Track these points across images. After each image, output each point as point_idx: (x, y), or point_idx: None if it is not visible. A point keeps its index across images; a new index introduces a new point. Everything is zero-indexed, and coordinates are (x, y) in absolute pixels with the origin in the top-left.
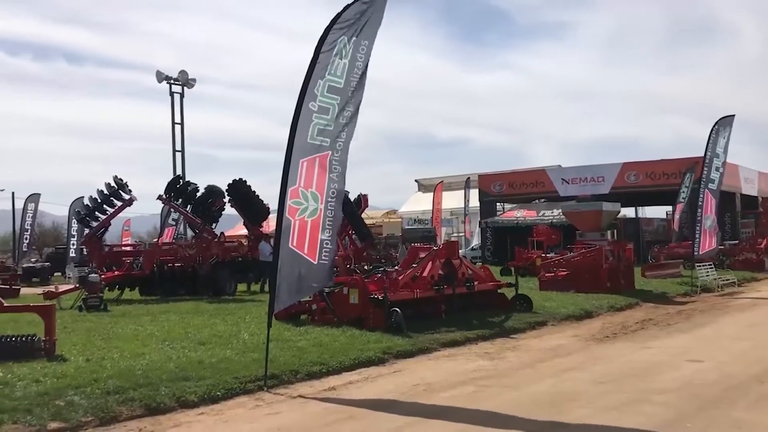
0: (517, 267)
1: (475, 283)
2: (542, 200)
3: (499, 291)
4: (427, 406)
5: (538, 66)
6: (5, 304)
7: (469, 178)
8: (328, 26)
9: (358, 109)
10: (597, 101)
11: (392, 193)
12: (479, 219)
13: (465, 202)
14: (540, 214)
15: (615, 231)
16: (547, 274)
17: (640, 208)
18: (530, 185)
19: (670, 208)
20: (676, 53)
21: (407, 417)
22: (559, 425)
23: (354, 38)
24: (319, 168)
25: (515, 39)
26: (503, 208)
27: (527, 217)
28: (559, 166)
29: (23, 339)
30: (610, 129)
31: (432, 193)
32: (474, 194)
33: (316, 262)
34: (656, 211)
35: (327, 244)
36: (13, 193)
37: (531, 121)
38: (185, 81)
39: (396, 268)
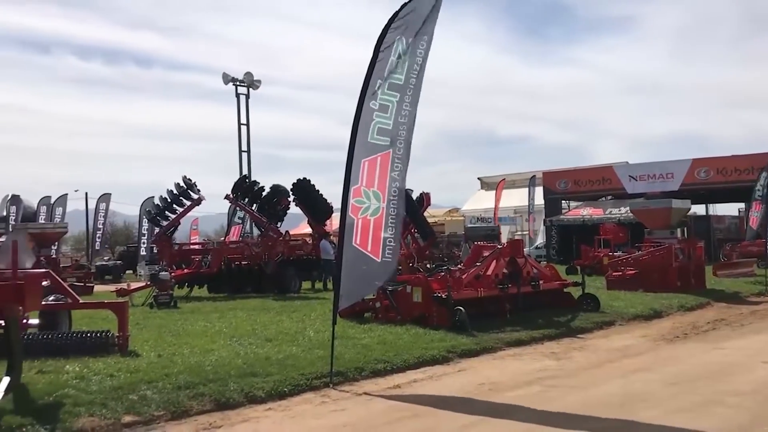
0: (584, 266)
1: (541, 282)
2: (609, 198)
3: (565, 290)
4: (493, 405)
5: (603, 60)
6: (81, 301)
7: (535, 176)
8: (386, 24)
9: (416, 106)
10: (665, 96)
11: (454, 191)
12: (543, 217)
13: (529, 200)
14: (607, 212)
15: (685, 229)
16: (614, 273)
17: (710, 206)
18: (596, 182)
19: (742, 205)
20: (750, 45)
21: (473, 416)
22: (629, 426)
23: (412, 35)
24: (380, 167)
25: (579, 33)
26: (568, 206)
27: (593, 215)
28: (626, 162)
29: (98, 335)
30: (680, 124)
31: (495, 191)
32: (538, 192)
33: (379, 260)
34: (727, 209)
35: (390, 242)
36: (86, 193)
37: (596, 117)
38: (250, 82)
39: (459, 266)
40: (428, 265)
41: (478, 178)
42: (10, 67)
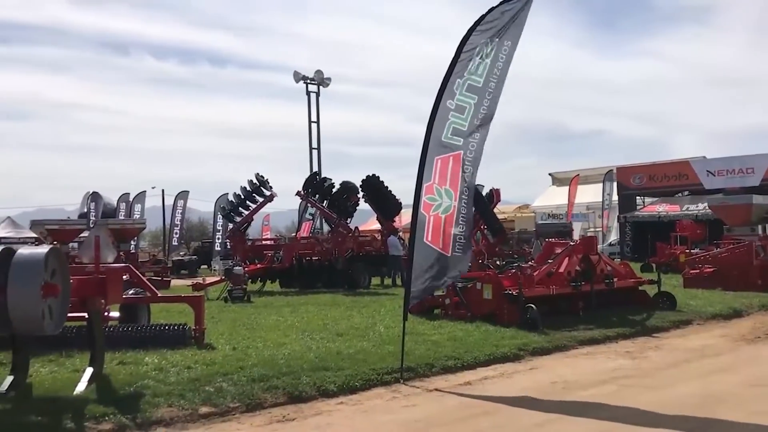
0: (659, 263)
1: (615, 279)
2: (686, 193)
3: (640, 288)
4: (567, 403)
5: (680, 52)
6: (159, 295)
7: (610, 171)
8: (471, 27)
9: (494, 110)
10: (746, 88)
11: (525, 187)
12: (617, 213)
13: (603, 196)
14: (683, 208)
15: (767, 226)
16: (691, 271)
17: None
18: (672, 178)
19: None
20: None
21: (546, 414)
22: (708, 426)
23: (497, 39)
24: (453, 166)
25: (654, 25)
26: (643, 202)
27: (669, 212)
28: (704, 157)
29: (175, 328)
30: (760, 117)
31: (567, 187)
32: (612, 188)
33: (450, 255)
34: None
35: (461, 238)
36: (162, 190)
37: (673, 111)
38: (321, 80)
39: (530, 263)
40: (498, 262)
41: (550, 174)
42: (90, 68)
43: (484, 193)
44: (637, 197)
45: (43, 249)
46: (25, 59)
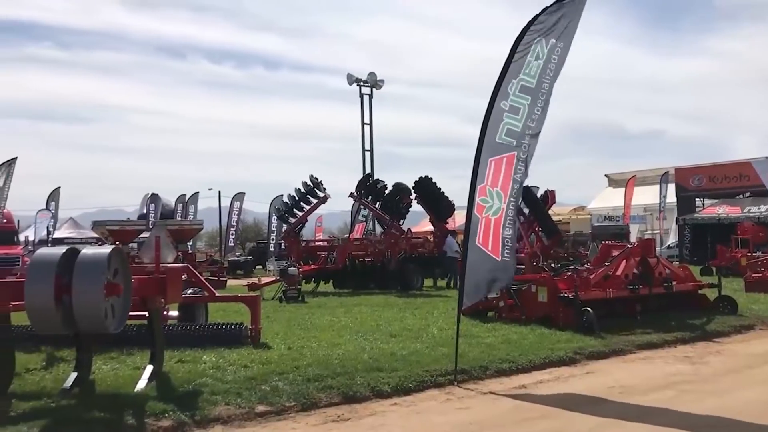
0: (720, 267)
1: (674, 283)
2: (747, 195)
3: (699, 292)
4: (624, 408)
5: (741, 50)
6: (216, 294)
7: (667, 172)
8: (525, 27)
9: (547, 110)
10: None
11: (580, 189)
12: (676, 215)
13: (661, 198)
14: (745, 210)
15: None
16: (753, 275)
17: None
18: (733, 179)
19: None
20: None
21: (603, 418)
22: None
23: (550, 39)
24: (505, 167)
25: (714, 22)
26: (702, 204)
27: (730, 214)
28: (766, 158)
29: (232, 327)
30: None
31: (623, 189)
32: (670, 189)
33: (499, 259)
34: None
35: (508, 242)
36: (219, 192)
37: (734, 110)
38: (374, 82)
39: (586, 266)
40: (553, 265)
41: (606, 175)
42: (148, 72)
43: (539, 195)
44: (696, 199)
45: (106, 249)
46: (84, 64)
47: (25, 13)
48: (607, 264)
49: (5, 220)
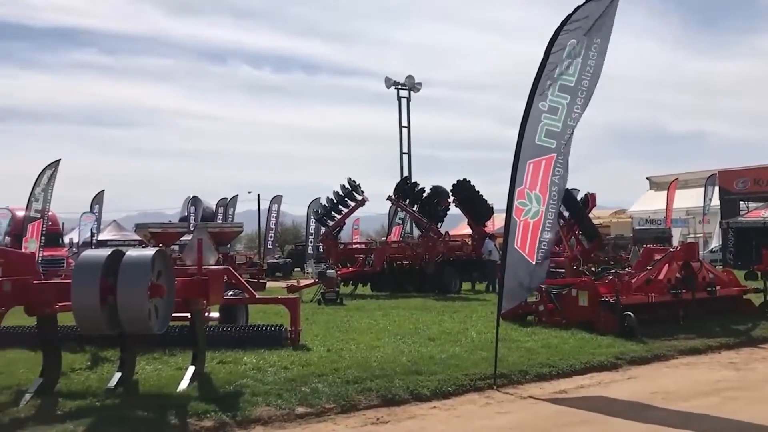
0: (765, 271)
1: (717, 287)
2: None
3: (744, 297)
4: (667, 414)
5: None
6: (256, 296)
7: (713, 174)
8: (559, 26)
9: (585, 109)
10: None
11: (621, 192)
12: (719, 219)
13: (705, 201)
14: None
15: None
16: None
17: None
18: None
19: None
20: None
21: (646, 424)
22: None
23: (586, 37)
24: (544, 169)
25: (758, 21)
26: (747, 207)
27: None
28: None
29: (272, 328)
30: None
31: (665, 192)
32: (714, 192)
33: (533, 263)
34: None
35: (544, 245)
36: (258, 194)
37: None
38: (412, 85)
39: (628, 270)
40: (593, 269)
41: (647, 178)
42: (190, 77)
43: (579, 198)
44: (741, 202)
45: (150, 251)
46: (128, 69)
47: (71, 20)
48: (649, 268)
49: (50, 223)
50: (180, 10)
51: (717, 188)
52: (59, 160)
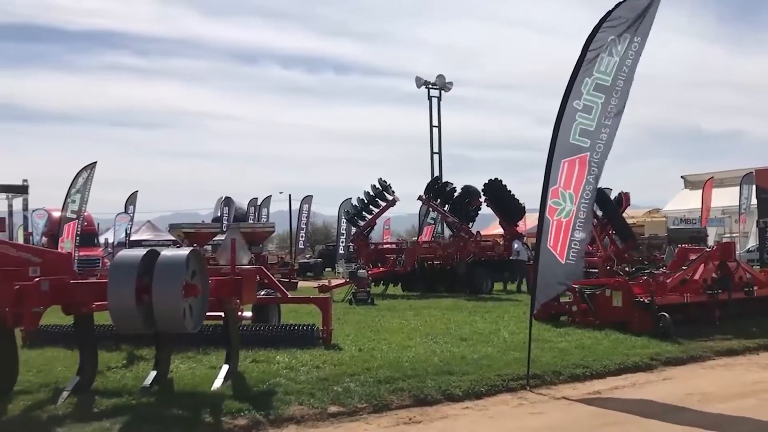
0: None
1: (755, 288)
2: None
3: None
4: (704, 416)
5: None
6: (289, 296)
7: (750, 173)
8: (598, 24)
9: (622, 109)
10: None
11: (655, 191)
12: (756, 218)
13: (741, 200)
14: None
15: None
16: None
17: None
18: None
19: None
20: None
21: (682, 426)
22: None
23: (626, 35)
24: (578, 169)
25: None
26: None
27: None
28: None
29: (304, 328)
30: None
31: (700, 191)
32: (752, 191)
33: (563, 262)
34: None
35: (576, 245)
36: (290, 195)
37: None
38: (442, 85)
39: (662, 270)
40: (627, 268)
41: (682, 177)
42: (222, 79)
43: (612, 197)
44: None
45: (185, 251)
46: (161, 71)
47: (104, 23)
48: (684, 268)
49: (86, 223)
50: (212, 13)
51: (754, 187)
52: (95, 162)
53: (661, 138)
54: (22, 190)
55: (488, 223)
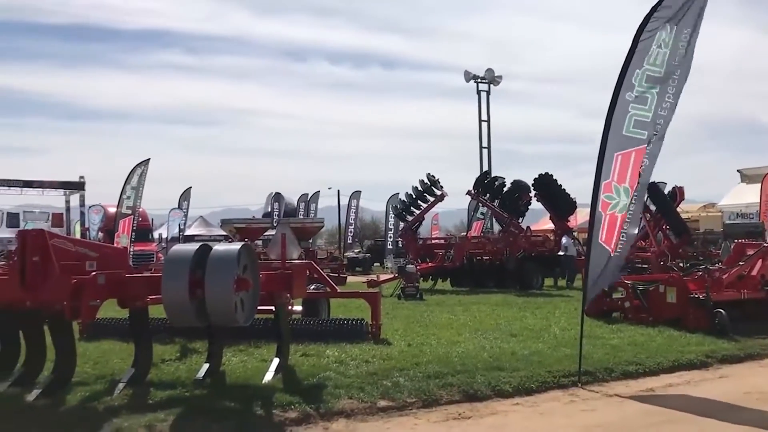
0: None
1: None
2: None
3: None
4: (762, 415)
5: None
6: (338, 291)
7: None
8: (647, 14)
9: (678, 98)
10: None
11: (710, 185)
12: None
13: None
14: None
15: None
16: None
17: None
18: None
19: None
20: None
21: (739, 426)
22: None
23: (676, 25)
24: (633, 162)
25: None
26: None
27: None
28: None
29: (353, 322)
30: None
31: (758, 185)
32: None
33: (613, 255)
34: None
35: (623, 237)
36: (338, 190)
37: None
38: (491, 79)
39: (718, 265)
40: (681, 264)
41: (738, 170)
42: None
43: (666, 191)
44: None
45: (236, 246)
46: (212, 69)
47: (156, 22)
48: (741, 264)
49: (141, 219)
50: (263, 11)
51: None
52: (149, 159)
53: (715, 131)
54: (79, 186)
55: (539, 218)
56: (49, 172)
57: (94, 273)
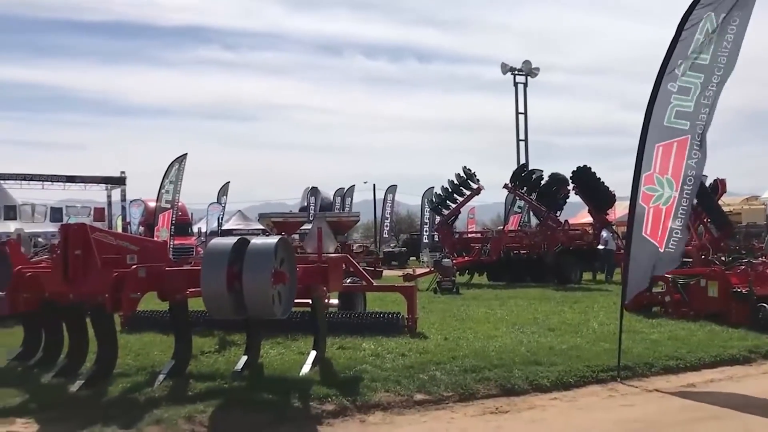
0: None
1: None
2: None
3: None
4: None
5: None
6: (374, 284)
7: None
8: (693, 2)
9: (722, 88)
10: None
11: (754, 177)
12: None
13: None
14: None
15: None
16: None
17: None
18: None
19: None
20: None
21: None
22: None
23: (724, 12)
24: (676, 153)
25: None
26: None
27: None
28: None
29: (390, 316)
30: None
31: None
32: None
33: (663, 250)
34: None
35: (677, 232)
36: (374, 185)
37: None
38: (528, 71)
39: (761, 259)
40: (723, 258)
41: None
42: (307, 71)
43: (707, 184)
44: None
45: (273, 239)
46: (250, 65)
47: (193, 18)
48: None
49: (180, 213)
50: (299, 6)
51: None
52: (186, 153)
53: (760, 122)
54: (120, 181)
55: (577, 212)
56: (90, 167)
57: (134, 266)
